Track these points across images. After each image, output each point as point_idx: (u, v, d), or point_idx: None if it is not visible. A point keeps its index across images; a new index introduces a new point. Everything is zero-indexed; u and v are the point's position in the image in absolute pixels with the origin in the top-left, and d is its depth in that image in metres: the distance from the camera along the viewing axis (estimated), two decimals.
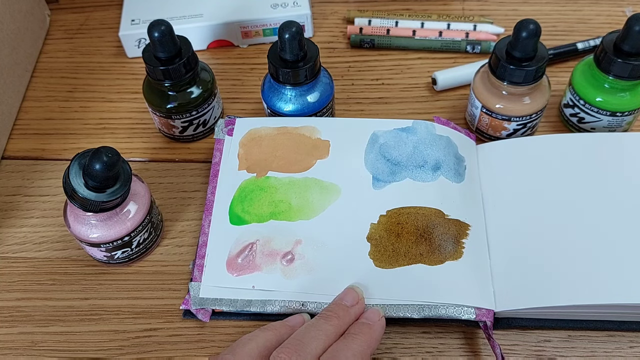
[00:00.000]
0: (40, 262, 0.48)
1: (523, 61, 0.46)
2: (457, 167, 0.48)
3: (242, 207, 0.47)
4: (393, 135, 0.49)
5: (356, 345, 0.37)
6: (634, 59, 0.46)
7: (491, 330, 0.41)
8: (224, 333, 0.44)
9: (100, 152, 0.39)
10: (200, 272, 0.45)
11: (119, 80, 0.59)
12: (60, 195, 0.51)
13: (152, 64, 0.48)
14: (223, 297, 0.43)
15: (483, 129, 0.51)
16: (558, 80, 0.55)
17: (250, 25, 0.59)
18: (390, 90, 0.57)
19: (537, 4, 0.63)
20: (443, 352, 0.42)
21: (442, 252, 0.44)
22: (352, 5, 0.64)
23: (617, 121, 0.50)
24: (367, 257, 0.44)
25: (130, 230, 0.44)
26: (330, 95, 0.51)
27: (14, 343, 0.44)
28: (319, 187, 0.47)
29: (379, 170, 0.48)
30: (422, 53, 0.60)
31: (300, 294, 0.43)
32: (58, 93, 0.59)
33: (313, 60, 0.48)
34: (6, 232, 0.49)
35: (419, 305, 0.42)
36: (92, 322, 0.45)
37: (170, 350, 0.43)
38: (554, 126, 0.54)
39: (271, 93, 0.51)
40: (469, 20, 0.60)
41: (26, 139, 0.55)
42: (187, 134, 0.53)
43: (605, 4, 0.62)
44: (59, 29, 0.64)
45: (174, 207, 0.50)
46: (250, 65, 0.60)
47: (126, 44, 0.60)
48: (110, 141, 0.54)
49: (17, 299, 0.46)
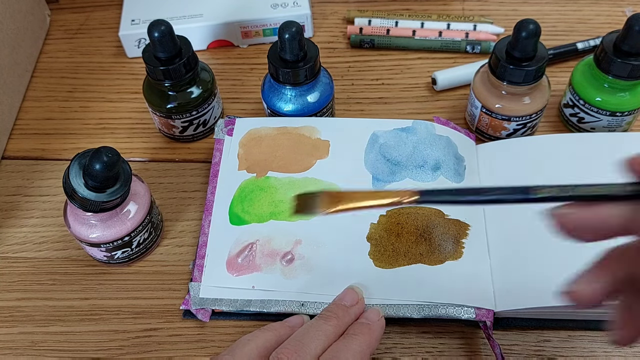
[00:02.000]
0: (40, 262, 0.48)
1: (523, 61, 0.46)
2: (457, 167, 0.48)
3: (242, 207, 0.47)
4: (393, 135, 0.49)
5: (356, 345, 0.37)
6: (634, 59, 0.46)
7: (491, 330, 0.41)
8: (224, 333, 0.44)
9: (100, 152, 0.39)
10: (200, 272, 0.45)
11: (119, 80, 0.59)
12: (60, 195, 0.51)
13: (152, 64, 0.48)
14: (223, 297, 0.43)
15: (483, 129, 0.51)
16: (558, 80, 0.55)
17: (250, 25, 0.59)
18: (390, 90, 0.57)
19: (537, 4, 0.63)
20: (443, 352, 0.42)
21: (442, 252, 0.44)
22: (352, 5, 0.64)
23: (617, 121, 0.50)
24: (367, 257, 0.44)
25: (130, 230, 0.44)
26: (330, 95, 0.51)
27: (14, 343, 0.44)
28: (319, 187, 0.47)
29: (378, 170, 0.48)
30: (422, 53, 0.60)
31: (300, 294, 0.43)
32: (58, 93, 0.59)
33: (313, 60, 0.48)
34: (6, 232, 0.49)
35: (418, 305, 0.42)
36: (92, 322, 0.45)
37: (170, 350, 0.43)
38: (554, 126, 0.54)
39: (271, 93, 0.51)
40: (469, 20, 0.60)
41: (26, 139, 0.55)
42: (187, 134, 0.53)
43: (605, 4, 0.62)
44: (59, 29, 0.64)
45: (174, 207, 0.50)
46: (250, 65, 0.60)
47: (126, 44, 0.60)
48: (110, 141, 0.54)
49: (17, 299, 0.46)
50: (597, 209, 0.28)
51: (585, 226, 0.29)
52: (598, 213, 0.28)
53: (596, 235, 0.29)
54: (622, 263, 0.29)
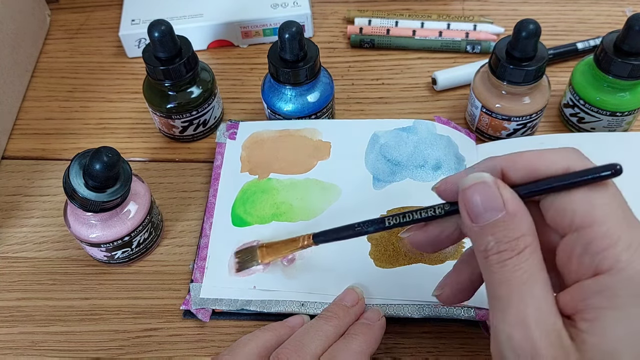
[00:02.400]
0: (40, 262, 0.48)
1: (523, 61, 0.46)
2: (457, 166, 0.48)
3: (244, 209, 0.47)
4: (394, 135, 0.49)
5: (356, 346, 0.37)
6: (634, 59, 0.46)
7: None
8: (224, 333, 0.44)
9: (101, 152, 0.39)
10: (201, 274, 0.45)
11: (119, 80, 0.59)
12: (60, 195, 0.51)
13: (152, 63, 0.48)
14: (223, 297, 0.44)
15: (483, 128, 0.51)
16: (558, 80, 0.55)
17: (250, 25, 0.59)
18: (390, 90, 0.57)
19: (537, 4, 0.63)
20: (443, 352, 0.42)
21: (442, 251, 0.44)
22: (352, 5, 0.64)
23: (617, 121, 0.50)
24: (367, 257, 0.44)
25: (130, 230, 0.44)
26: (330, 95, 0.51)
27: (14, 343, 0.44)
28: (320, 188, 0.47)
29: (379, 170, 0.48)
30: (422, 53, 0.60)
31: (300, 294, 0.43)
32: (58, 93, 0.59)
33: (313, 60, 0.48)
34: (6, 232, 0.49)
35: (419, 304, 0.42)
36: (93, 322, 0.45)
37: (170, 350, 0.43)
38: (554, 126, 0.54)
39: (271, 93, 0.51)
40: (469, 20, 0.60)
41: (26, 139, 0.55)
42: (187, 133, 0.53)
43: (605, 4, 0.62)
44: (59, 29, 0.64)
45: (174, 207, 0.50)
46: (250, 65, 0.60)
47: (126, 44, 0.60)
48: (110, 141, 0.54)
49: (17, 299, 0.46)
50: (428, 228, 0.35)
51: (423, 242, 0.35)
52: (429, 231, 0.35)
53: (434, 247, 0.35)
54: (470, 263, 0.34)
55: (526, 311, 0.28)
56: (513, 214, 0.29)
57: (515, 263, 0.29)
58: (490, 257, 0.29)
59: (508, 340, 0.28)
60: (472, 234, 0.30)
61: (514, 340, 0.28)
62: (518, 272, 0.28)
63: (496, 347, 0.29)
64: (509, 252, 0.29)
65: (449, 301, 0.36)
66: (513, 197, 0.30)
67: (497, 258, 0.29)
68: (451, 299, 0.36)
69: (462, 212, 0.30)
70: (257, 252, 0.44)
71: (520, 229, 0.29)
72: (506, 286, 0.29)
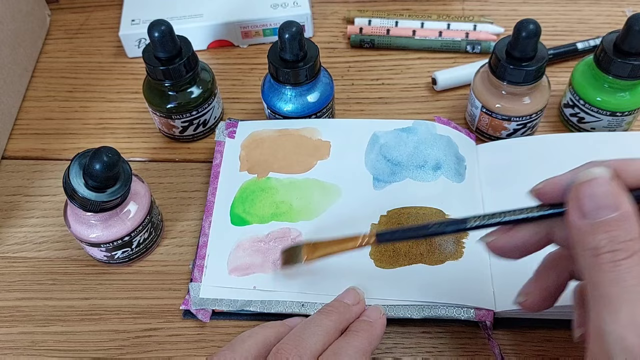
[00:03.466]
0: (40, 262, 0.48)
1: (523, 61, 0.46)
2: (457, 167, 0.48)
3: (244, 208, 0.47)
4: (394, 135, 0.49)
5: (357, 343, 0.37)
6: (634, 59, 0.46)
7: (491, 330, 0.41)
8: (224, 333, 0.44)
9: (101, 152, 0.39)
10: (200, 273, 0.45)
11: (119, 80, 0.59)
12: (60, 195, 0.51)
13: (152, 64, 0.48)
14: (223, 297, 0.43)
15: (483, 128, 0.51)
16: (558, 80, 0.55)
17: (250, 25, 0.59)
18: (390, 90, 0.57)
19: (537, 4, 0.63)
20: (443, 352, 0.42)
21: (442, 252, 0.44)
22: (352, 5, 0.64)
23: (617, 121, 0.50)
24: (367, 258, 0.44)
25: (130, 230, 0.44)
26: (330, 95, 0.51)
27: (14, 343, 0.44)
28: (320, 188, 0.47)
29: (379, 170, 0.48)
30: (422, 53, 0.60)
31: (300, 294, 0.43)
32: (58, 93, 0.59)
33: (313, 60, 0.48)
34: (6, 232, 0.49)
35: (419, 305, 0.42)
36: (92, 322, 0.45)
37: (170, 350, 0.43)
38: (554, 126, 0.54)
39: (271, 93, 0.51)
40: (469, 20, 0.60)
41: (26, 139, 0.55)
42: (187, 133, 0.53)
43: (605, 4, 0.62)
44: (59, 29, 0.64)
45: (174, 207, 0.50)
46: (250, 65, 0.60)
47: (126, 44, 0.60)
48: (110, 141, 0.54)
49: (17, 299, 0.46)
50: (515, 231, 0.33)
51: (508, 248, 0.34)
52: (516, 235, 0.33)
53: (520, 253, 0.34)
54: (556, 268, 0.34)
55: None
56: (628, 215, 0.29)
57: (630, 264, 0.28)
58: (602, 256, 0.28)
59: (620, 340, 0.28)
60: (578, 232, 0.29)
61: (627, 341, 0.27)
62: (632, 273, 0.28)
63: (601, 347, 0.29)
64: (624, 252, 0.28)
65: (535, 308, 0.35)
66: (629, 198, 0.29)
67: (610, 257, 0.28)
68: (538, 305, 0.35)
69: (572, 209, 0.29)
70: (301, 251, 0.42)
71: (634, 231, 0.28)
72: (619, 287, 0.28)
